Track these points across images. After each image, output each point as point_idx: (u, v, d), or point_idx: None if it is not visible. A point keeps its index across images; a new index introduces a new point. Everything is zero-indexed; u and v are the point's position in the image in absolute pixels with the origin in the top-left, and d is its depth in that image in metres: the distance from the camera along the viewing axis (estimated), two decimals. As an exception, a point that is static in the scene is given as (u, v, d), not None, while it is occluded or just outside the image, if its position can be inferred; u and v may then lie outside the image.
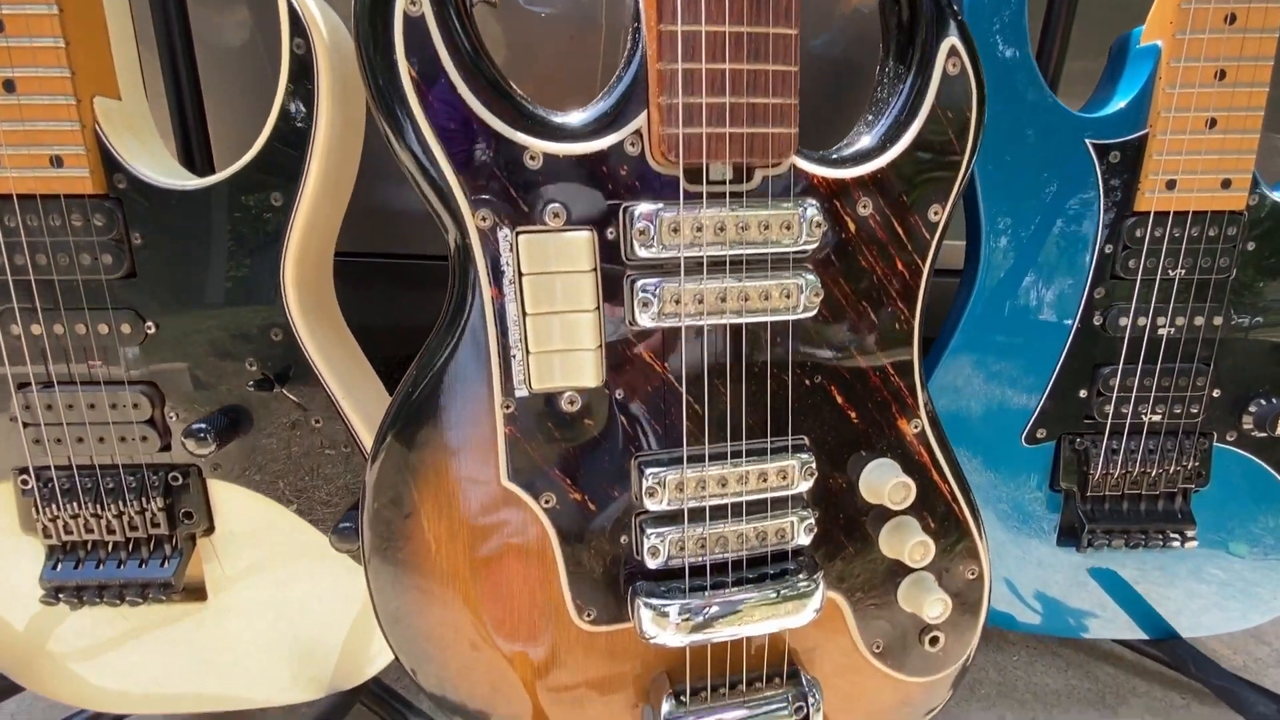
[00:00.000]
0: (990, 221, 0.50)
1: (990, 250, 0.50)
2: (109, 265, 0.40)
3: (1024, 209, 0.49)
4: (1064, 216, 0.49)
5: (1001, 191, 0.49)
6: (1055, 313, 0.51)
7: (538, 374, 0.33)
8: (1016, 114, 0.47)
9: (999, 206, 0.49)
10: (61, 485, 0.43)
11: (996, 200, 0.49)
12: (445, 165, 0.30)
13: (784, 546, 0.37)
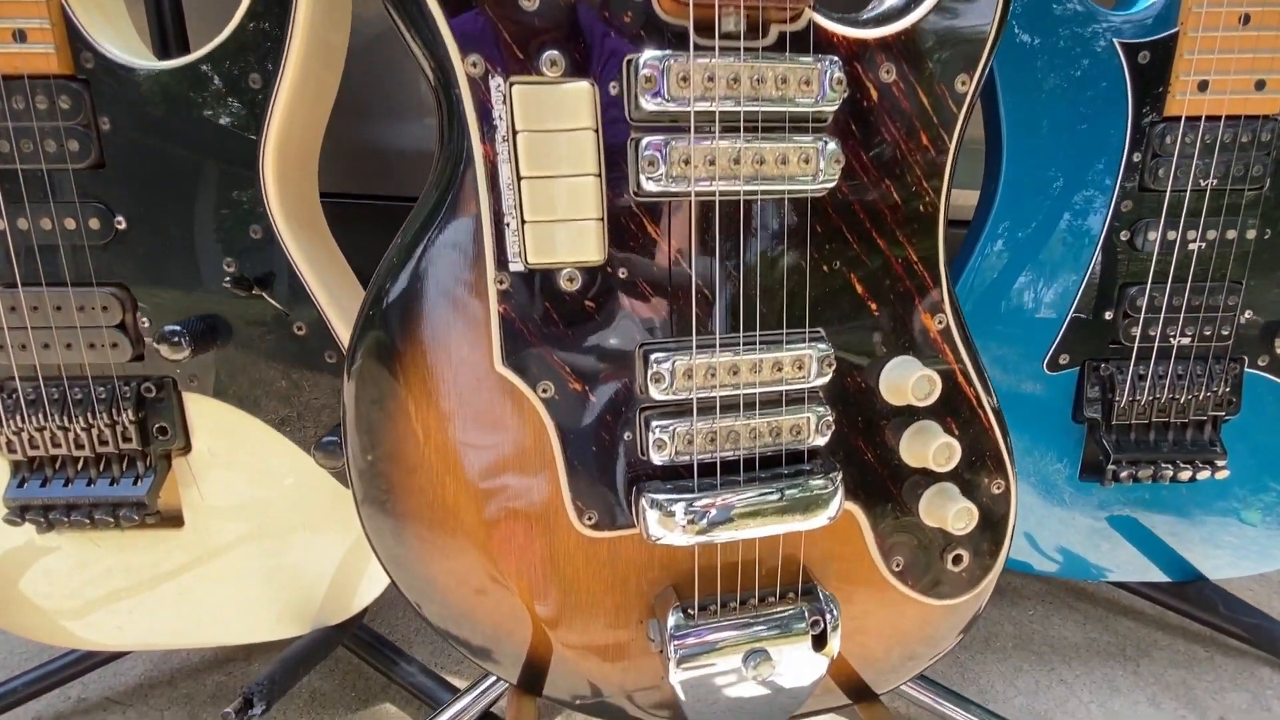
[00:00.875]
0: (1012, 129, 0.47)
1: (1012, 161, 0.48)
2: (75, 153, 0.37)
3: (1048, 115, 0.47)
4: (1090, 122, 0.47)
5: (1025, 96, 0.46)
6: (1079, 228, 0.48)
7: (534, 246, 0.30)
8: (1042, 14, 0.45)
9: (1022, 112, 0.47)
10: (26, 395, 0.40)
11: (1020, 106, 0.47)
12: (432, 2, 0.28)
13: (799, 446, 0.35)
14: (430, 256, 0.31)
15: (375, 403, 0.33)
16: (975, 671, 0.63)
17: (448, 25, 0.28)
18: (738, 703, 0.37)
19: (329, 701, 0.59)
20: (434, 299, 0.31)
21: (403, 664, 0.57)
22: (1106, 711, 0.59)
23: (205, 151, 0.38)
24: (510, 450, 0.33)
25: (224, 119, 0.38)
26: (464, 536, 0.34)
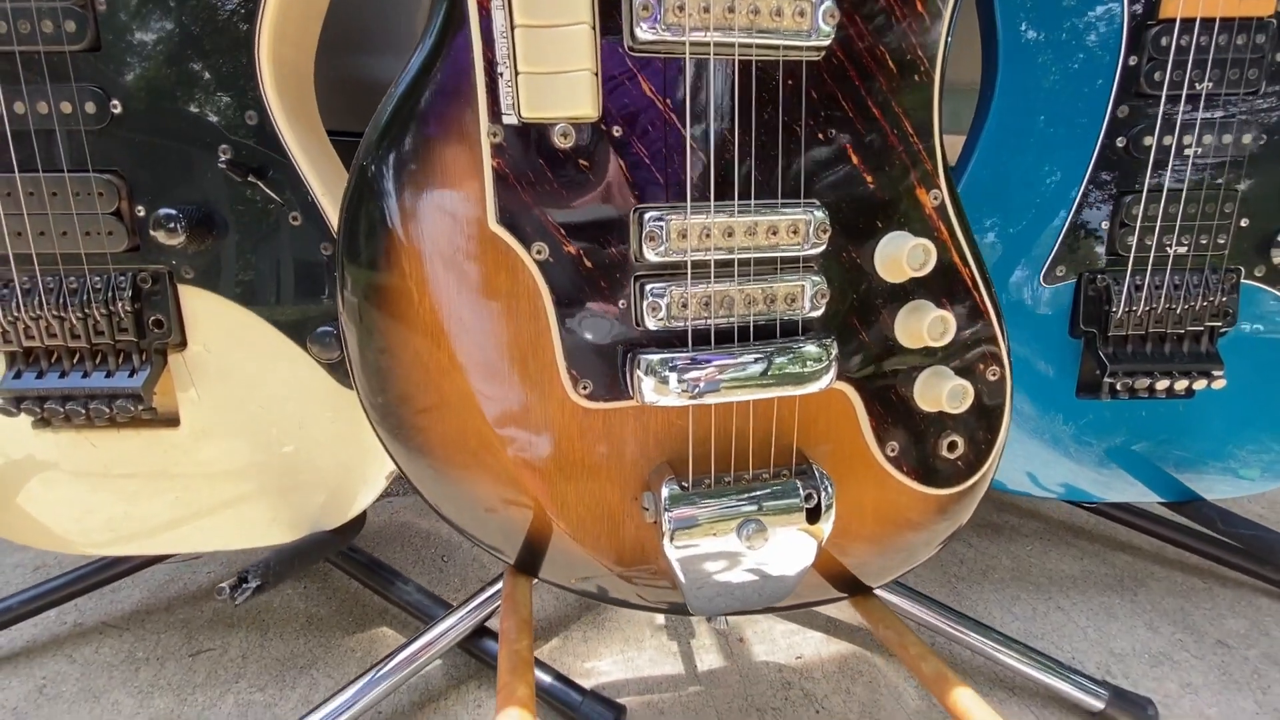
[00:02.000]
0: (1007, 33, 0.47)
1: (1008, 66, 0.48)
2: (72, 34, 0.37)
3: (1043, 21, 0.47)
4: (1085, 27, 0.47)
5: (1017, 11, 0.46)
6: (1076, 135, 0.48)
7: (528, 99, 0.30)
8: (1038, -85, 0.45)
9: (1016, 19, 0.47)
10: (22, 284, 0.40)
11: (1014, 12, 0.47)
12: None
13: (794, 316, 0.35)
14: (422, 108, 0.31)
15: (371, 260, 0.32)
16: (972, 599, 0.63)
17: None
18: (732, 582, 0.37)
19: (326, 625, 0.59)
20: (426, 152, 0.31)
21: (399, 584, 0.57)
22: (1103, 635, 0.59)
23: (200, 34, 0.38)
24: (504, 316, 0.33)
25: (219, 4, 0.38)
26: (458, 406, 0.34)
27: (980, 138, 0.50)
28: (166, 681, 0.53)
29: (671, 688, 0.53)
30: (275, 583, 0.40)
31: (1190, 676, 0.55)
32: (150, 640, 0.57)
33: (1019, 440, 0.56)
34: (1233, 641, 0.59)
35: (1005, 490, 0.58)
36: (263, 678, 0.53)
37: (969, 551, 0.70)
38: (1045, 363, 0.53)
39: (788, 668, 0.55)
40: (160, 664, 0.55)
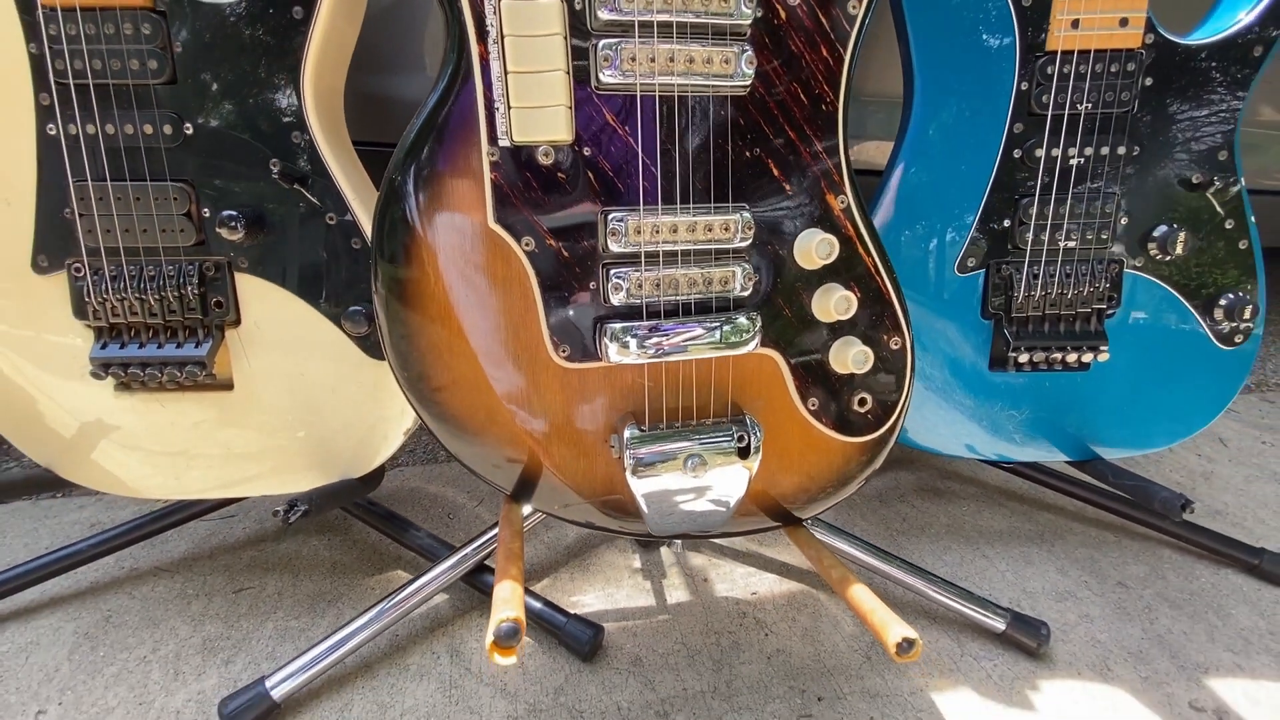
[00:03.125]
0: (922, 65, 0.57)
1: (923, 93, 0.57)
2: (154, 70, 0.47)
3: (951, 53, 0.56)
4: (986, 58, 0.56)
5: (931, 36, 0.56)
6: (980, 149, 0.58)
7: (518, 126, 0.40)
8: (942, -35, 0.54)
9: (929, 51, 0.56)
10: (111, 272, 0.50)
11: (927, 45, 0.56)
12: (441, -64, 0.37)
13: (727, 295, 0.44)
14: (438, 133, 0.40)
15: (395, 239, 0.42)
16: (909, 549, 0.72)
17: (452, -48, 0.37)
18: (683, 504, 0.46)
19: (348, 570, 0.68)
20: (441, 168, 0.41)
21: (412, 530, 0.66)
22: (1019, 577, 0.68)
23: (257, 69, 0.47)
24: (500, 296, 0.43)
25: (272, 41, 0.47)
26: (464, 367, 0.44)
27: (903, 148, 0.59)
28: (215, 612, 0.63)
29: (644, 616, 0.62)
30: (316, 512, 0.49)
31: (1089, 610, 0.64)
32: (198, 581, 0.67)
33: (944, 408, 0.65)
34: (1131, 583, 0.68)
35: (936, 453, 0.68)
36: (296, 609, 0.63)
37: (911, 511, 0.79)
38: (963, 341, 0.63)
39: (744, 601, 0.64)
40: (208, 599, 0.64)
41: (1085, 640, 0.61)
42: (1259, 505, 0.82)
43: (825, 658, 0.58)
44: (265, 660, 0.57)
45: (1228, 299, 0.60)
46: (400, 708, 0.53)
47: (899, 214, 0.60)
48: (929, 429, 0.66)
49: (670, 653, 0.58)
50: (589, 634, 0.56)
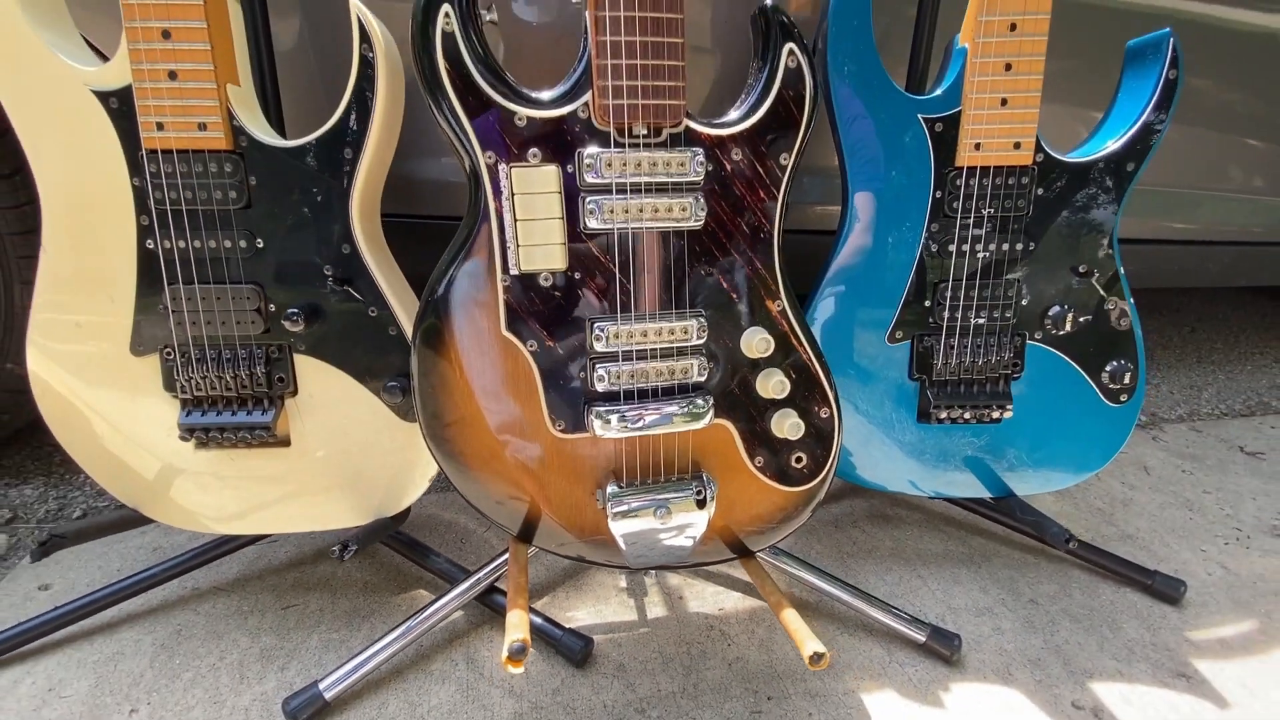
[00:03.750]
0: (854, 179, 0.69)
1: (853, 206, 0.69)
2: (234, 199, 0.59)
3: (880, 168, 0.68)
4: (908, 172, 0.68)
5: (862, 155, 0.68)
6: (905, 244, 0.70)
7: (524, 260, 0.52)
8: (870, 100, 0.66)
9: (861, 167, 0.68)
10: (195, 356, 0.62)
11: (859, 162, 0.68)
12: (466, 124, 0.49)
13: (688, 380, 0.56)
14: (464, 265, 0.52)
15: (431, 346, 0.54)
16: (855, 569, 0.84)
17: (476, 140, 0.49)
18: (654, 543, 0.58)
19: (378, 589, 0.80)
20: (467, 289, 0.53)
21: (433, 556, 0.78)
22: (947, 595, 0.80)
23: (316, 199, 0.59)
24: (510, 384, 0.55)
25: (328, 177, 0.59)
26: (481, 439, 0.56)
27: (843, 242, 0.71)
28: (268, 626, 0.75)
29: (627, 629, 0.74)
30: (362, 548, 0.61)
31: (1002, 623, 0.76)
32: (251, 599, 0.79)
33: (886, 452, 0.77)
34: (1042, 600, 0.80)
35: (883, 489, 0.80)
36: (336, 624, 0.75)
37: (861, 535, 0.91)
38: (896, 398, 0.75)
39: (712, 615, 0.76)
40: (261, 614, 0.76)
41: (994, 649, 0.73)
42: (1167, 530, 0.95)
43: (776, 664, 0.70)
44: (314, 667, 0.69)
45: (1113, 366, 0.72)
46: (427, 705, 0.65)
47: (844, 294, 0.72)
48: (876, 469, 0.78)
49: (648, 660, 0.70)
50: (581, 645, 0.68)
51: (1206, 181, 1.18)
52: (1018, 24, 0.63)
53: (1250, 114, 1.13)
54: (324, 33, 0.78)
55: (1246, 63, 1.09)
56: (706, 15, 0.83)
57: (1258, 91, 1.12)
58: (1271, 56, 1.10)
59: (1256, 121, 1.14)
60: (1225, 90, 1.11)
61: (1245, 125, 1.14)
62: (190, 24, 0.55)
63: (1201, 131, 1.13)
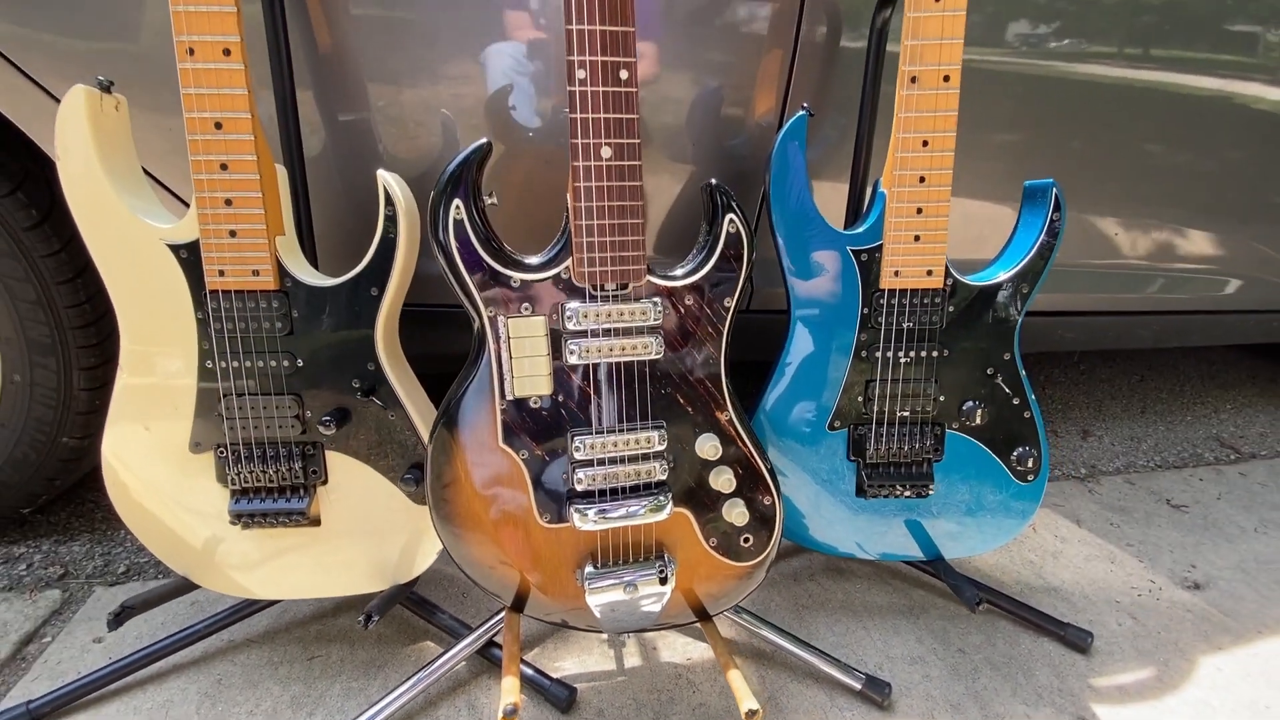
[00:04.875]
0: (795, 300, 0.82)
1: (797, 317, 0.82)
2: (280, 328, 0.72)
3: (816, 290, 0.81)
4: (840, 294, 0.81)
5: (801, 280, 0.81)
6: (839, 350, 0.83)
7: (518, 388, 0.65)
8: (807, 235, 0.79)
9: (800, 290, 0.81)
10: (244, 454, 0.74)
11: (798, 280, 0.81)
12: (471, 285, 0.62)
13: (651, 480, 0.69)
14: (469, 392, 0.65)
15: (443, 454, 0.66)
16: (808, 620, 0.96)
17: (479, 298, 0.62)
18: (626, 613, 0.70)
19: (390, 641, 0.92)
20: (471, 410, 0.65)
21: (439, 614, 0.90)
22: (887, 644, 0.92)
23: (347, 327, 0.72)
24: (505, 483, 0.67)
25: (358, 308, 0.72)
26: (482, 528, 0.68)
27: (790, 348, 0.84)
28: (296, 676, 0.86)
29: (607, 678, 0.86)
30: (381, 614, 0.73)
31: (931, 671, 0.88)
32: (280, 650, 0.90)
33: (833, 520, 0.89)
34: (968, 649, 0.92)
35: (834, 552, 0.92)
36: (355, 673, 0.86)
37: (816, 588, 1.03)
38: (837, 475, 0.87)
39: (681, 665, 0.88)
40: (290, 665, 0.88)
41: (922, 695, 0.85)
42: (1089, 583, 1.07)
43: (733, 710, 0.82)
44: (337, 713, 0.81)
45: (1019, 451, 0.85)
46: (434, 748, 0.77)
47: (791, 387, 0.85)
48: (826, 534, 0.90)
49: (624, 706, 0.82)
50: (565, 693, 0.80)
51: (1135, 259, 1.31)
52: (926, 177, 0.77)
53: (1171, 193, 1.26)
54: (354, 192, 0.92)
55: (1169, 138, 1.16)
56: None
57: (1179, 169, 1.24)
58: (1198, 129, 1.20)
59: (1176, 200, 1.27)
60: (1154, 172, 1.23)
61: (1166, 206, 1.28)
62: (249, 194, 0.68)
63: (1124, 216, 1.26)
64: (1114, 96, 1.05)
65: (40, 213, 0.89)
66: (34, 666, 0.88)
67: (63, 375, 0.97)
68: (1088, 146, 1.07)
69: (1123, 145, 1.10)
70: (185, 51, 0.63)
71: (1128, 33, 1.02)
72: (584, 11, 0.56)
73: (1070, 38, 1.00)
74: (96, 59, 0.79)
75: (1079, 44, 1.00)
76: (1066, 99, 1.03)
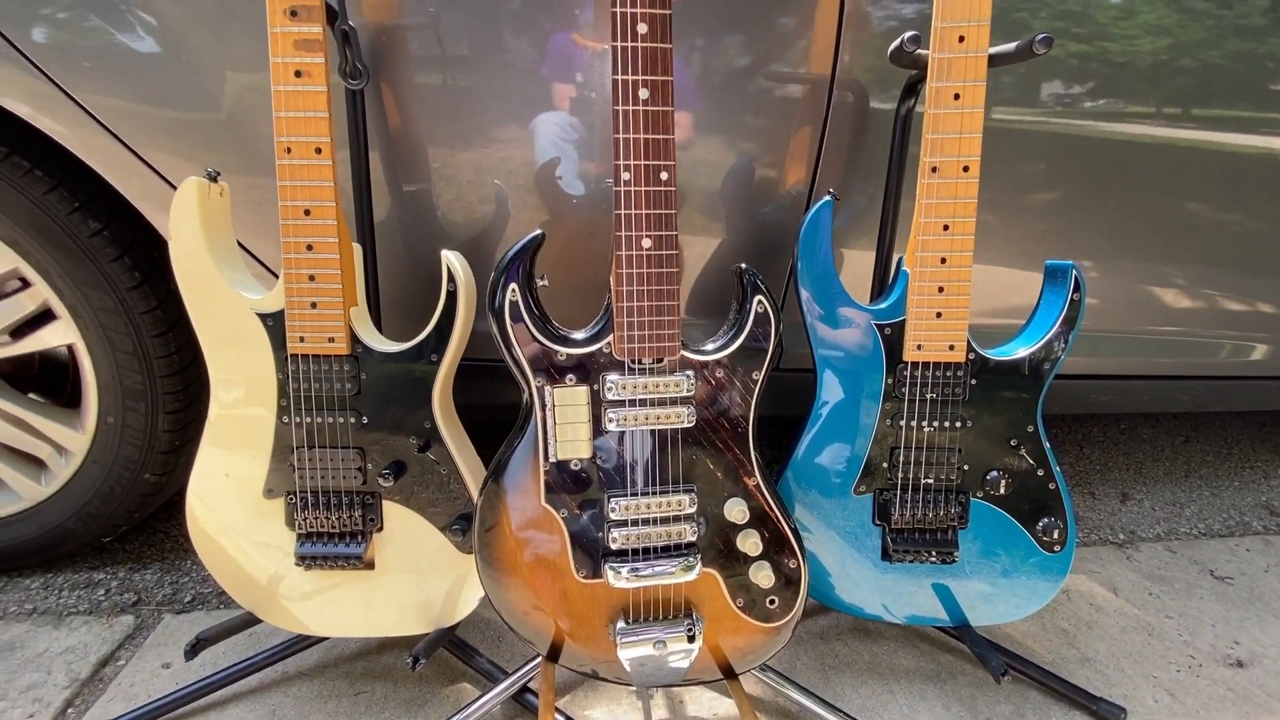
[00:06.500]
0: (822, 369, 0.86)
1: (824, 386, 0.86)
2: (349, 388, 0.79)
3: (843, 361, 0.85)
4: (866, 366, 0.85)
5: (830, 353, 0.85)
6: (865, 419, 0.86)
7: (560, 451, 0.70)
8: (834, 311, 0.84)
9: (829, 362, 0.86)
10: (311, 501, 0.81)
11: (827, 359, 0.86)
12: (522, 359, 0.69)
13: (682, 541, 0.73)
14: (517, 452, 0.71)
15: (490, 508, 0.72)
16: (834, 681, 0.97)
17: (529, 370, 0.69)
18: (655, 668, 0.74)
19: (430, 681, 0.97)
20: (518, 469, 0.71)
21: (477, 657, 0.95)
22: (913, 710, 0.93)
23: (408, 388, 0.80)
24: (545, 538, 0.72)
25: (419, 372, 0.79)
26: (522, 579, 0.73)
27: (817, 410, 0.88)
28: (343, 710, 0.91)
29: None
30: (427, 656, 0.79)
31: (958, 739, 0.88)
32: (329, 684, 0.96)
33: (860, 583, 0.91)
34: (996, 719, 0.92)
35: (861, 614, 0.94)
36: (397, 710, 0.91)
37: (843, 648, 1.04)
38: (863, 539, 0.90)
39: (706, 719, 0.90)
40: (338, 699, 0.93)
41: (948, 764, 0.85)
42: (1124, 655, 1.05)
43: (758, 768, 0.83)
44: (380, 749, 0.86)
45: (1044, 521, 0.87)
46: (470, 789, 0.80)
47: (817, 452, 0.88)
48: (853, 595, 0.92)
49: (651, 758, 0.85)
50: (595, 743, 0.83)
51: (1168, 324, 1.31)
52: (947, 259, 0.81)
53: (1206, 254, 1.24)
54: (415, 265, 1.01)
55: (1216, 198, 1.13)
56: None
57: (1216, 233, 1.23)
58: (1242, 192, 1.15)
59: (1213, 261, 1.25)
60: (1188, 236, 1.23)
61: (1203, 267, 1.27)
62: (329, 270, 0.77)
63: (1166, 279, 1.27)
64: (1150, 156, 1.05)
65: (142, 275, 1.01)
66: (109, 688, 0.95)
67: (150, 418, 1.07)
68: (1123, 206, 1.07)
69: (1158, 205, 1.09)
70: (284, 150, 0.73)
71: (1165, 93, 1.01)
72: (630, 122, 0.64)
73: (1106, 98, 1.00)
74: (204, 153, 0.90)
75: (1115, 104, 1.00)
76: (1102, 158, 1.03)
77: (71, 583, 1.16)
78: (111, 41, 0.83)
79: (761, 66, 0.90)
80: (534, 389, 0.70)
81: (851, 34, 0.90)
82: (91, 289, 0.97)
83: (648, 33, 0.62)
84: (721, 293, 1.03)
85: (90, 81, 0.84)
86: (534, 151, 0.90)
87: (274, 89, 0.71)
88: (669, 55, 0.63)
